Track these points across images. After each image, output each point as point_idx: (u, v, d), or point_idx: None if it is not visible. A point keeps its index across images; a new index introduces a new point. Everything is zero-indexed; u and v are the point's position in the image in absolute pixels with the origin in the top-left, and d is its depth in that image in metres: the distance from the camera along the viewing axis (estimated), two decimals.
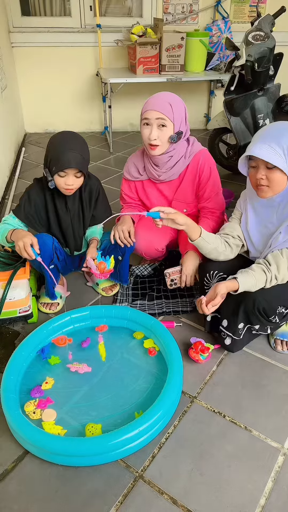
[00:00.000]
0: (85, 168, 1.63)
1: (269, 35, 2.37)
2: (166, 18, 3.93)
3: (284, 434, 1.28)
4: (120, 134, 4.28)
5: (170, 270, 1.80)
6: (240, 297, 1.42)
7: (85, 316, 1.68)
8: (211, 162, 1.80)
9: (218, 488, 1.14)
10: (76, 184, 1.65)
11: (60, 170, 1.58)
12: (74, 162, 1.57)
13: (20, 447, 1.24)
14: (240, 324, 1.45)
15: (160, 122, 1.62)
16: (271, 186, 1.33)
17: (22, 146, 3.87)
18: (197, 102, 4.39)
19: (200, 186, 1.81)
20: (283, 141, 1.28)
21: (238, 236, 1.56)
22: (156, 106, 1.62)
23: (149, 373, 1.47)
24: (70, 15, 3.82)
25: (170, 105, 1.63)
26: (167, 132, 1.65)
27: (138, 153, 1.87)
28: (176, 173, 1.79)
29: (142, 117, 1.67)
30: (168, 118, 1.62)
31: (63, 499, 1.11)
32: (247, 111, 2.54)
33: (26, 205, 1.70)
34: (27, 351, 1.48)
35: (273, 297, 1.40)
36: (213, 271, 1.55)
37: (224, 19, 3.94)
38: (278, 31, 2.63)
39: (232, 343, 1.49)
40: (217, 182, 1.82)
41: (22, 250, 1.53)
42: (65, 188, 1.63)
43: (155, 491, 1.13)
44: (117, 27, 3.83)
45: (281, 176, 1.31)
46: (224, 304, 1.49)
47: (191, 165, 1.78)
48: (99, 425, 1.26)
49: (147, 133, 1.66)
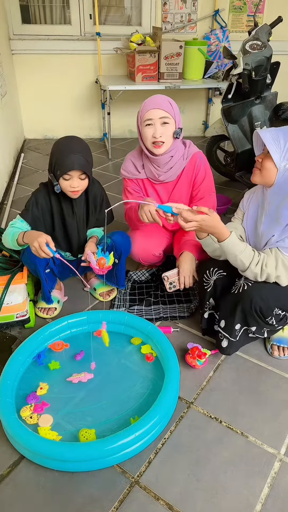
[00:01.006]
0: (89, 170, 1.65)
1: (266, 44, 2.40)
2: (165, 27, 3.98)
3: (281, 440, 1.28)
4: (119, 141, 4.31)
5: (167, 274, 1.81)
6: (238, 297, 1.43)
7: (83, 321, 1.68)
8: (207, 164, 1.86)
9: (214, 494, 1.14)
10: (81, 186, 1.66)
11: (64, 173, 1.60)
12: (78, 164, 1.59)
13: (16, 452, 1.24)
14: (237, 325, 1.46)
15: (163, 120, 1.66)
16: (262, 171, 1.39)
17: (21, 152, 3.89)
18: (195, 109, 4.42)
19: (194, 186, 1.85)
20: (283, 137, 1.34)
21: (241, 236, 1.56)
22: (158, 105, 1.66)
23: (146, 379, 1.47)
24: (70, 23, 3.86)
25: (169, 102, 1.69)
26: (170, 128, 1.68)
27: (136, 152, 1.88)
28: (175, 173, 1.82)
29: (143, 119, 1.69)
30: (170, 115, 1.67)
31: (58, 505, 1.11)
32: (245, 119, 2.56)
33: (33, 208, 1.72)
34: (24, 356, 1.47)
35: (270, 297, 1.41)
36: (213, 268, 1.57)
37: (222, 28, 3.99)
38: (275, 40, 2.66)
39: (228, 345, 1.49)
40: (211, 183, 1.87)
41: (39, 249, 1.53)
42: (70, 191, 1.65)
43: (151, 496, 1.13)
44: (116, 35, 3.87)
45: (271, 166, 1.36)
46: (222, 304, 1.50)
47: (188, 166, 1.82)
48: (92, 430, 1.26)
49: (151, 132, 1.68)
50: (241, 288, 1.44)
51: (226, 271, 1.56)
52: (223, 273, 1.56)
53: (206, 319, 1.62)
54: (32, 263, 1.66)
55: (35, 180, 3.28)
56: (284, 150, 1.33)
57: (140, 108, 1.72)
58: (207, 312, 1.61)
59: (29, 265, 1.69)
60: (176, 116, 1.69)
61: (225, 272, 1.56)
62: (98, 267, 1.57)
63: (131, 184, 1.90)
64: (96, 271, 1.58)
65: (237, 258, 1.41)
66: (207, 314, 1.61)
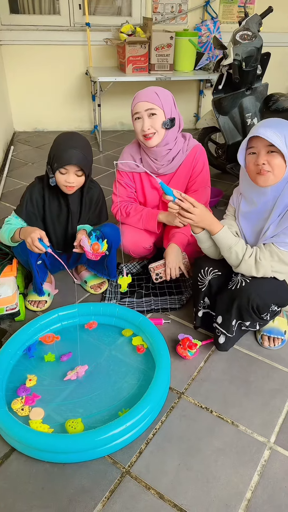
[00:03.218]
0: (86, 167, 1.64)
1: (256, 34, 2.39)
2: (155, 17, 3.94)
3: (271, 429, 1.30)
4: (110, 133, 4.28)
5: (154, 265, 1.83)
6: (235, 293, 1.42)
7: (73, 313, 1.67)
8: (205, 157, 1.86)
9: (205, 483, 1.15)
10: (77, 183, 1.65)
11: (61, 167, 1.59)
12: (75, 159, 1.58)
13: (6, 445, 1.24)
14: (233, 320, 1.46)
15: (150, 112, 1.66)
16: (273, 171, 1.32)
17: (10, 144, 3.85)
18: (187, 101, 4.40)
19: (191, 178, 1.85)
20: (284, 131, 1.30)
21: (237, 232, 1.54)
22: (143, 97, 1.66)
23: (137, 370, 1.47)
24: (59, 13, 3.81)
25: (155, 93, 1.67)
26: (158, 119, 1.67)
27: (133, 145, 1.87)
28: (174, 166, 1.82)
29: (132, 112, 1.69)
30: (156, 106, 1.66)
31: (49, 496, 1.11)
32: (235, 110, 2.55)
33: (28, 204, 1.71)
34: (14, 348, 1.47)
35: (267, 294, 1.40)
36: (208, 267, 1.55)
37: (213, 19, 3.96)
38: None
39: (226, 341, 1.49)
40: (207, 176, 1.87)
41: (32, 245, 1.53)
42: (65, 186, 1.63)
43: (142, 486, 1.13)
44: (106, 26, 3.82)
45: (281, 162, 1.31)
46: (218, 300, 1.49)
47: (187, 158, 1.82)
48: (79, 419, 1.26)
49: (140, 126, 1.68)
50: (239, 284, 1.42)
51: (221, 270, 1.54)
52: (218, 273, 1.55)
53: (200, 317, 1.61)
54: (24, 255, 1.66)
55: (25, 173, 3.25)
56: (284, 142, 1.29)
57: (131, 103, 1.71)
58: (201, 311, 1.60)
59: (21, 256, 1.68)
60: (164, 106, 1.67)
61: (220, 272, 1.55)
62: (92, 251, 1.57)
63: (124, 178, 1.89)
64: (89, 255, 1.59)
65: (232, 249, 1.40)
66: (201, 313, 1.60)
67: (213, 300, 1.56)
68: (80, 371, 1.44)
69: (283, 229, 1.37)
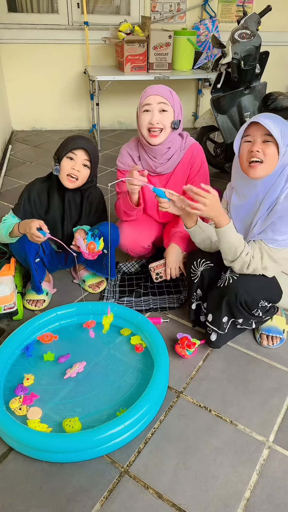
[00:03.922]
0: (94, 159, 1.67)
1: (255, 33, 2.38)
2: (153, 16, 3.93)
3: (269, 428, 1.29)
4: (108, 132, 4.27)
5: (154, 264, 1.83)
6: (223, 291, 1.43)
7: (72, 312, 1.66)
8: (203, 155, 1.84)
9: (203, 482, 1.14)
10: (80, 176, 1.66)
11: (70, 150, 1.62)
12: (86, 145, 1.63)
13: (4, 444, 1.23)
14: (224, 318, 1.46)
15: (162, 107, 1.65)
16: (265, 161, 1.32)
17: (8, 143, 3.83)
18: (185, 100, 4.40)
19: (189, 177, 1.83)
20: (280, 125, 1.32)
21: None
22: (158, 91, 1.65)
23: (136, 369, 1.47)
24: (57, 12, 3.80)
25: (169, 91, 1.68)
26: (168, 117, 1.67)
27: (132, 143, 1.86)
28: (172, 165, 1.81)
29: (142, 104, 1.67)
30: (169, 103, 1.66)
31: (47, 495, 1.10)
32: (234, 109, 2.55)
33: (25, 204, 1.72)
34: (12, 348, 1.46)
35: (255, 290, 1.41)
36: (200, 259, 1.57)
37: (212, 18, 3.95)
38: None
39: (217, 338, 1.50)
40: (205, 175, 1.86)
41: (32, 235, 1.53)
42: (68, 174, 1.64)
43: (141, 485, 1.13)
44: (104, 25, 3.81)
45: (275, 152, 1.32)
46: (208, 297, 1.50)
47: (185, 157, 1.81)
48: (76, 418, 1.26)
49: (148, 118, 1.66)
50: (227, 281, 1.44)
51: (213, 262, 1.55)
52: (210, 264, 1.56)
53: (193, 310, 1.62)
54: (22, 252, 1.65)
55: (23, 172, 3.24)
56: (280, 134, 1.31)
57: (141, 96, 1.70)
58: (195, 303, 1.61)
59: (19, 254, 1.68)
60: (175, 106, 1.67)
61: (212, 263, 1.56)
62: (88, 251, 1.57)
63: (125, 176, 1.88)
64: (85, 255, 1.59)
65: (233, 245, 1.39)
66: (195, 305, 1.61)
67: (205, 292, 1.57)
68: (80, 369, 1.44)
69: (270, 225, 1.37)
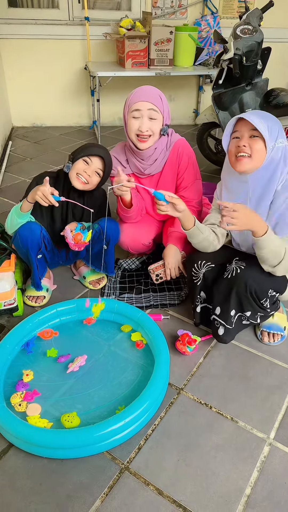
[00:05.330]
0: (107, 170, 1.69)
1: (257, 29, 2.36)
2: (155, 12, 3.91)
3: (270, 425, 1.29)
4: (109, 129, 4.26)
5: (153, 266, 1.82)
6: (232, 281, 1.41)
7: (72, 309, 1.66)
8: (190, 150, 1.81)
9: (204, 479, 1.14)
10: (91, 181, 1.67)
11: (88, 155, 1.64)
12: (104, 154, 1.65)
13: (4, 440, 1.23)
14: (232, 311, 1.44)
15: (152, 114, 1.63)
16: (253, 155, 1.33)
17: (9, 139, 3.82)
18: (186, 97, 4.38)
19: (179, 174, 1.82)
20: (268, 122, 1.33)
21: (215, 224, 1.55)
22: (149, 98, 1.62)
23: (136, 366, 1.46)
24: (58, 7, 3.77)
25: (160, 97, 1.65)
26: (157, 123, 1.65)
27: (117, 147, 1.86)
28: (159, 165, 1.79)
29: (131, 108, 1.64)
30: (159, 110, 1.63)
31: (47, 492, 1.10)
32: (235, 106, 2.54)
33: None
34: (12, 344, 1.46)
35: (264, 279, 1.40)
36: (201, 261, 1.54)
37: (213, 14, 3.93)
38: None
39: (225, 332, 1.47)
40: (194, 170, 1.83)
41: (44, 198, 1.50)
42: (80, 175, 1.65)
43: (141, 482, 1.13)
44: (105, 20, 3.79)
45: (262, 147, 1.33)
46: (215, 290, 1.48)
47: (171, 155, 1.79)
48: (74, 413, 1.25)
49: (137, 125, 1.64)
50: (234, 272, 1.42)
51: (214, 262, 1.54)
52: (211, 265, 1.54)
53: (198, 313, 1.60)
54: (24, 247, 1.64)
55: (23, 168, 3.22)
56: (267, 130, 1.31)
57: (128, 97, 1.67)
58: (199, 306, 1.59)
59: (20, 249, 1.67)
60: (164, 112, 1.66)
61: (213, 264, 1.54)
62: (74, 241, 1.57)
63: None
64: (72, 246, 1.59)
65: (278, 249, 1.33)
66: (199, 308, 1.59)
67: (209, 293, 1.55)
68: (82, 362, 1.44)
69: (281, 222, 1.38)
